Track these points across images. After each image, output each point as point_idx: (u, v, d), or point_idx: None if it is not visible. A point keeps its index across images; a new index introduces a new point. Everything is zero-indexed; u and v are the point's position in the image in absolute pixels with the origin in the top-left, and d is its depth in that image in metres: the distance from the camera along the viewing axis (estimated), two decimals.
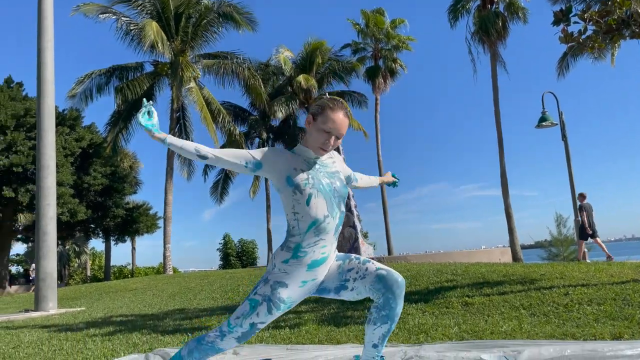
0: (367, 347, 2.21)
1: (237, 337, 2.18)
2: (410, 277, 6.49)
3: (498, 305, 4.30)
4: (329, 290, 2.26)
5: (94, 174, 18.90)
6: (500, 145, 19.37)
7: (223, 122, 19.34)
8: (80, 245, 35.18)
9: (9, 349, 4.35)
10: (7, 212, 17.86)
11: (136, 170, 30.71)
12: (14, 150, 16.06)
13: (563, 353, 2.38)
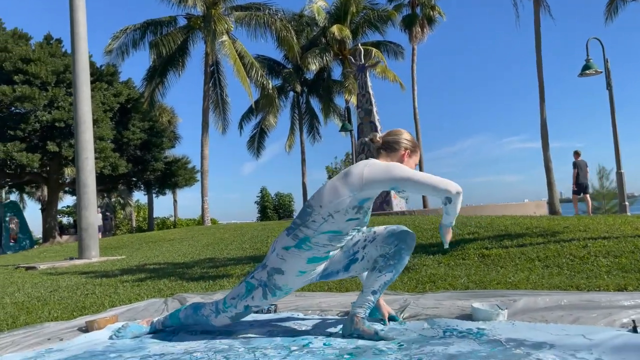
0: (365, 292, 2.20)
1: (230, 316, 2.28)
2: (432, 230, 6.51)
3: (514, 257, 4.29)
4: (337, 272, 2.29)
5: (133, 129, 19.41)
6: (542, 95, 18.63)
7: (256, 76, 19.32)
8: (125, 197, 36.57)
9: (47, 293, 4.68)
10: (53, 166, 18.66)
11: (175, 125, 31.32)
12: (55, 106, 16.61)
13: (559, 303, 2.38)
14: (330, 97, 24.97)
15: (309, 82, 25.45)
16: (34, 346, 2.35)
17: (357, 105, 15.51)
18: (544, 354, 1.69)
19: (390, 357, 1.83)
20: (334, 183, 2.18)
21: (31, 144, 16.86)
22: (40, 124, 16.59)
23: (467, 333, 2.06)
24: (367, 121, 15.02)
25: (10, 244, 18.03)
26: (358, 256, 2.25)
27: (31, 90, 16.08)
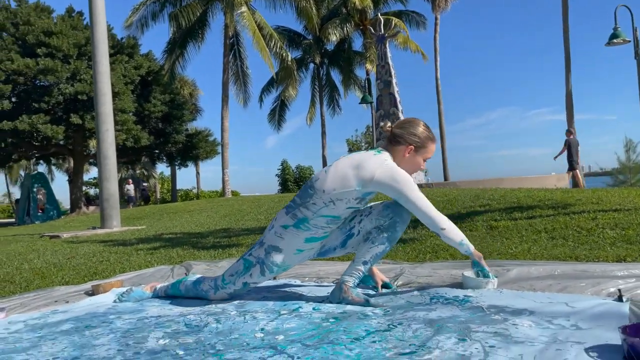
0: (355, 261, 2.23)
1: (229, 292, 2.33)
2: (445, 202, 6.49)
3: (521, 229, 4.27)
4: (334, 249, 2.34)
5: (154, 101, 19.59)
6: (567, 65, 18.16)
7: (275, 47, 19.21)
8: (148, 169, 37.20)
9: (64, 260, 4.85)
10: (77, 138, 19.03)
11: (196, 98, 31.51)
12: (78, 78, 16.85)
13: (552, 272, 2.38)
14: (351, 69, 24.73)
15: (329, 53, 25.21)
16: (41, 308, 2.47)
17: (376, 76, 15.34)
18: (521, 320, 1.72)
19: (374, 321, 1.88)
20: (343, 171, 2.12)
21: (55, 116, 17.20)
22: (64, 97, 16.88)
23: (452, 300, 2.09)
24: (386, 93, 14.86)
25: (38, 214, 18.58)
26: (354, 231, 2.29)
27: (54, 63, 16.32)
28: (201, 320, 2.05)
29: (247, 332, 1.83)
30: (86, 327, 2.04)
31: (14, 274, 3.93)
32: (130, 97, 18.26)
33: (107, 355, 1.65)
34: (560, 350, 1.39)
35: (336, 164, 2.18)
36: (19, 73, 16.21)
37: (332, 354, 1.52)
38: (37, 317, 2.28)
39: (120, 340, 1.82)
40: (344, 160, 2.18)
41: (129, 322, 2.10)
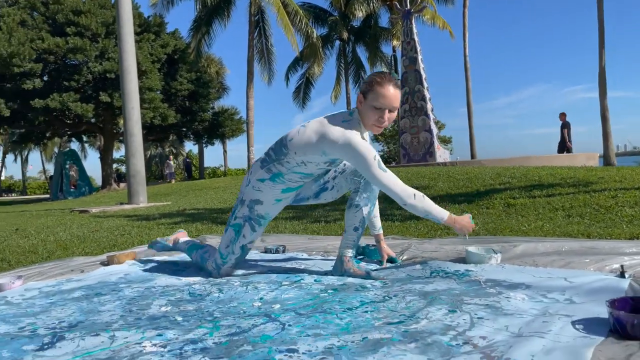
0: (347, 231, 2.26)
1: (232, 264, 2.35)
2: (465, 180, 6.43)
3: (538, 207, 4.21)
4: (308, 198, 2.38)
5: (181, 80, 19.75)
6: (601, 40, 17.47)
7: (300, 24, 19.06)
8: (177, 147, 37.73)
9: (88, 233, 5.01)
10: (107, 116, 19.40)
11: (222, 76, 31.63)
12: (106, 57, 17.09)
13: (559, 249, 2.36)
14: (377, 45, 24.39)
15: (355, 29, 24.89)
16: (57, 276, 2.58)
17: (402, 53, 15.10)
18: (515, 293, 1.71)
19: (370, 293, 1.90)
20: (309, 136, 2.08)
21: (85, 94, 17.54)
22: (93, 75, 17.18)
23: (452, 274, 2.10)
24: (412, 69, 14.64)
25: (71, 190, 19.13)
26: (328, 186, 2.35)
27: (83, 41, 16.58)
28: (205, 290, 2.11)
29: (246, 301, 1.88)
30: (96, 295, 2.13)
31: (38, 245, 4.09)
32: (157, 76, 18.44)
33: (109, 320, 1.72)
34: (546, 322, 1.39)
35: (307, 126, 2.12)
36: (49, 52, 16.54)
37: (323, 322, 1.55)
38: (52, 284, 2.38)
39: (125, 307, 1.89)
40: (313, 124, 2.11)
41: (137, 290, 2.17)
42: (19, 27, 16.48)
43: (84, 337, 1.52)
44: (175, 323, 1.64)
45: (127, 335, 1.52)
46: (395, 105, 2.06)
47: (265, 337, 1.44)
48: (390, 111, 2.06)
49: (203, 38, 20.01)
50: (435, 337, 1.35)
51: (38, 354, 1.40)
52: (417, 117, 14.49)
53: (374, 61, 24.75)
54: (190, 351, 1.36)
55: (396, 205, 5.33)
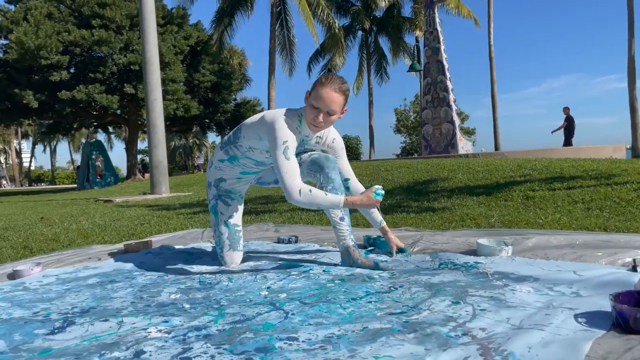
0: (335, 226, 2.27)
1: (228, 246, 2.39)
2: (484, 172, 6.35)
3: (557, 200, 4.14)
4: (269, 183, 2.50)
5: (203, 71, 19.88)
6: (631, 28, 16.95)
7: (322, 15, 18.97)
8: (200, 138, 38.11)
9: (110, 221, 5.12)
10: (131, 107, 19.68)
11: (245, 67, 31.75)
12: (130, 49, 17.30)
13: (573, 242, 2.32)
14: (400, 36, 24.13)
15: (378, 19, 24.65)
16: (75, 264, 2.65)
17: (424, 43, 14.93)
18: (522, 286, 1.70)
19: (377, 284, 1.91)
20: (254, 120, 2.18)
21: (110, 86, 17.80)
22: (117, 67, 17.42)
23: (461, 266, 2.09)
24: (434, 60, 14.47)
25: (97, 180, 19.52)
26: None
27: (107, 34, 16.80)
28: (215, 279, 2.15)
29: (254, 290, 1.90)
30: (110, 282, 2.18)
31: (60, 233, 4.20)
32: (180, 67, 18.60)
33: (120, 306, 1.77)
34: (548, 315, 1.38)
35: (256, 118, 2.20)
36: (75, 44, 16.82)
37: (326, 312, 1.57)
38: (69, 272, 2.45)
39: (136, 294, 1.94)
40: (262, 113, 2.21)
41: (149, 278, 2.22)
42: (46, 19, 16.79)
43: (93, 322, 1.56)
44: (182, 310, 1.68)
45: (135, 321, 1.56)
46: (332, 108, 2.06)
47: (268, 325, 1.46)
48: (328, 113, 2.08)
49: (225, 30, 20.07)
50: (435, 327, 1.36)
51: (48, 338, 1.44)
52: (439, 108, 14.34)
53: (396, 52, 24.52)
54: (193, 337, 1.39)
55: (412, 197, 5.31)
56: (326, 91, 2.05)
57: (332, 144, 2.36)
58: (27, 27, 15.91)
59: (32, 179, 52.14)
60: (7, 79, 17.01)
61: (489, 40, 23.83)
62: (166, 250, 2.91)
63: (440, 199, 4.94)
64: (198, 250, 2.89)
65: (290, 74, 21.65)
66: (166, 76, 17.52)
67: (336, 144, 2.37)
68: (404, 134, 32.99)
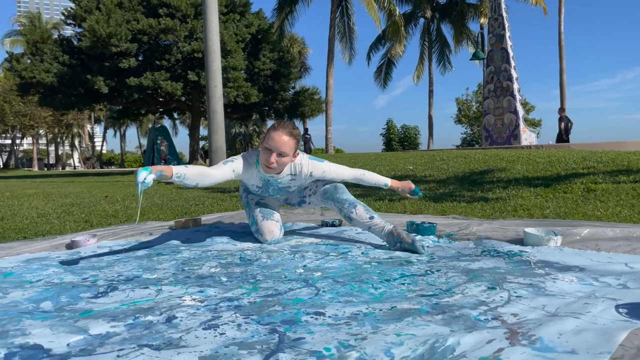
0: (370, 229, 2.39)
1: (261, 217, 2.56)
2: (545, 163, 6.09)
3: (621, 193, 3.91)
4: (293, 204, 2.71)
5: (263, 59, 20.15)
6: None
7: (383, 2, 18.71)
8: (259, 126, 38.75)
9: (167, 201, 5.32)
10: (194, 94, 20.28)
11: (305, 56, 31.88)
12: (194, 37, 17.79)
13: (630, 235, 2.19)
14: (463, 23, 23.44)
15: (441, 6, 24.04)
16: (128, 237, 2.78)
17: (488, 30, 14.44)
18: (565, 275, 1.62)
19: (414, 267, 1.88)
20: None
21: (175, 73, 18.41)
22: (182, 55, 17.97)
23: (504, 254, 2.02)
24: (498, 47, 13.98)
25: (162, 163, 20.32)
26: (306, 200, 2.65)
27: (173, 22, 17.35)
28: (255, 256, 2.19)
29: (290, 268, 1.93)
30: (157, 255, 2.27)
31: (120, 210, 4.41)
32: (242, 55, 18.94)
33: (162, 276, 1.84)
34: (587, 304, 1.31)
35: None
36: (143, 32, 17.49)
37: (357, 291, 1.57)
38: (122, 244, 2.58)
39: (178, 266, 2.01)
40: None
41: (194, 253, 2.30)
42: (117, 9, 17.55)
43: (134, 289, 1.64)
44: (219, 283, 1.73)
45: (172, 290, 1.62)
46: (283, 149, 2.22)
47: (297, 300, 1.48)
48: (280, 155, 2.24)
49: (286, 18, 20.26)
50: (465, 310, 1.32)
51: (91, 301, 1.53)
52: (502, 98, 13.86)
53: (459, 39, 23.85)
54: (224, 307, 1.43)
55: (465, 187, 5.18)
56: (278, 134, 2.23)
57: (311, 177, 2.48)
58: (99, 16, 16.69)
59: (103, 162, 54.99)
60: (81, 65, 17.97)
61: (559, 28, 22.71)
62: (214, 228, 2.99)
63: (495, 189, 4.78)
64: (244, 230, 2.95)
65: (350, 62, 21.60)
66: (227, 64, 17.90)
67: (315, 174, 2.47)
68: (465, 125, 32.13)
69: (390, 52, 23.61)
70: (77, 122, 47.72)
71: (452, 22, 23.64)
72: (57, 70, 17.73)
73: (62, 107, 19.50)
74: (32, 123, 35.52)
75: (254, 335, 1.20)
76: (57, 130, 46.64)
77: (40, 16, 37.58)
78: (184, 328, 1.26)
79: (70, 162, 66.63)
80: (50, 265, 2.08)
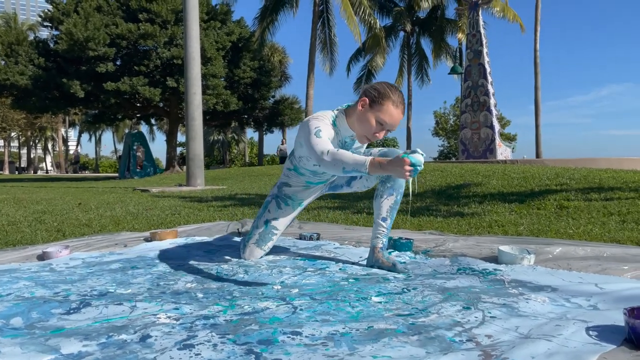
0: (376, 222, 2.25)
1: (255, 240, 2.39)
2: (520, 179, 6.20)
3: (592, 211, 4.01)
4: (341, 186, 2.44)
5: (244, 67, 20.13)
6: None
7: (364, 14, 18.91)
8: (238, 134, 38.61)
9: (142, 210, 5.26)
10: (173, 100, 20.13)
11: (285, 65, 31.96)
12: (174, 43, 17.70)
13: (600, 254, 2.24)
14: (442, 37, 23.82)
15: (421, 20, 24.40)
16: (102, 249, 2.73)
17: (466, 45, 14.70)
18: (538, 296, 1.65)
19: (391, 285, 1.89)
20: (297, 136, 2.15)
21: (153, 79, 18.25)
22: (161, 61, 17.85)
23: (479, 272, 2.05)
24: (476, 63, 14.22)
25: (137, 170, 20.07)
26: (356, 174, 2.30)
27: (153, 28, 17.24)
28: (232, 270, 2.18)
29: (268, 284, 1.92)
30: (132, 268, 2.24)
31: (93, 219, 4.34)
32: (222, 63, 18.89)
33: (136, 291, 1.82)
34: (559, 326, 1.34)
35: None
36: (122, 37, 17.33)
37: (334, 309, 1.57)
38: (96, 256, 2.53)
39: (154, 281, 1.99)
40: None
41: (169, 266, 2.27)
42: (95, 12, 17.36)
43: (108, 305, 1.61)
44: (194, 299, 1.71)
45: (147, 307, 1.60)
46: (395, 128, 2.07)
47: (274, 319, 1.48)
48: (389, 131, 2.06)
49: (268, 27, 20.30)
50: (440, 331, 1.34)
51: (63, 317, 1.50)
52: (479, 112, 14.08)
53: (438, 53, 24.22)
54: (200, 326, 1.42)
55: (442, 201, 5.24)
56: (398, 112, 1.99)
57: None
58: (77, 19, 16.48)
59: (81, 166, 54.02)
60: (57, 68, 17.68)
61: (534, 45, 23.24)
62: (190, 241, 2.96)
63: (471, 204, 4.85)
64: (221, 243, 2.93)
65: (331, 73, 21.70)
66: (207, 71, 17.83)
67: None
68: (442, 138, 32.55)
69: (370, 63, 23.84)
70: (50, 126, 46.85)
71: (432, 37, 24.01)
72: (32, 73, 17.42)
73: (36, 110, 19.15)
74: (4, 125, 34.73)
75: (230, 356, 1.20)
76: (29, 134, 45.69)
77: (15, 17, 36.89)
78: (159, 348, 1.25)
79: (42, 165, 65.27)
80: (21, 278, 2.03)
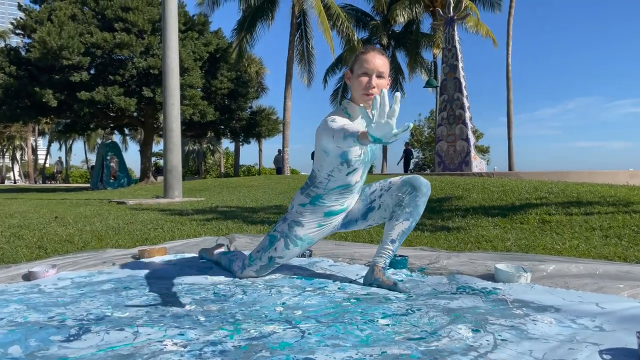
0: (384, 241, 2.23)
1: (255, 270, 2.35)
2: (500, 192, 6.29)
3: (575, 225, 4.09)
4: (356, 221, 2.34)
5: (221, 78, 20.04)
6: None
7: (342, 27, 19.07)
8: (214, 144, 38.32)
9: (123, 224, 5.14)
10: (148, 110, 19.88)
11: (262, 76, 31.96)
12: (150, 53, 17.52)
13: (593, 271, 2.28)
14: (418, 51, 24.19)
15: (397, 34, 24.74)
16: (90, 267, 2.65)
17: (442, 60, 14.95)
18: (543, 316, 1.66)
19: (394, 305, 1.88)
20: (315, 150, 2.15)
21: (129, 89, 18.01)
22: (137, 70, 17.63)
23: (479, 291, 2.05)
24: (452, 77, 14.47)
25: (110, 181, 19.67)
26: (375, 205, 2.28)
27: (129, 37, 17.04)
28: (229, 291, 2.13)
29: (269, 305, 1.89)
30: (124, 288, 2.18)
31: (74, 234, 4.22)
32: (199, 73, 18.78)
33: (135, 315, 1.76)
34: (572, 349, 1.35)
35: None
36: (97, 46, 17.07)
37: (343, 333, 1.55)
38: (84, 275, 2.45)
39: (150, 303, 1.93)
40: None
41: (164, 286, 2.22)
42: (70, 21, 17.08)
43: (109, 331, 1.55)
44: (197, 323, 1.67)
45: (150, 332, 1.55)
46: (382, 70, 2.02)
47: (284, 345, 1.45)
48: (377, 76, 2.02)
49: (245, 38, 20.29)
50: (456, 357, 1.33)
51: (64, 345, 1.44)
52: (454, 125, 14.30)
53: (413, 67, 24.56)
54: (209, 353, 1.38)
55: (426, 215, 5.27)
56: (371, 55, 2.02)
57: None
58: (51, 27, 16.18)
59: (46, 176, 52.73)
60: (28, 77, 17.29)
61: (507, 60, 23.77)
62: (180, 258, 2.90)
63: (455, 217, 4.90)
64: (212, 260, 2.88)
65: (309, 84, 21.77)
66: (184, 81, 17.68)
67: None
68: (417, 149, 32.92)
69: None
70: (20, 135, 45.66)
71: (407, 50, 24.36)
72: (2, 81, 16.98)
73: (6, 119, 18.65)
74: None
75: None
76: None
77: None
78: None
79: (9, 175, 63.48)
80: (10, 300, 1.95)
